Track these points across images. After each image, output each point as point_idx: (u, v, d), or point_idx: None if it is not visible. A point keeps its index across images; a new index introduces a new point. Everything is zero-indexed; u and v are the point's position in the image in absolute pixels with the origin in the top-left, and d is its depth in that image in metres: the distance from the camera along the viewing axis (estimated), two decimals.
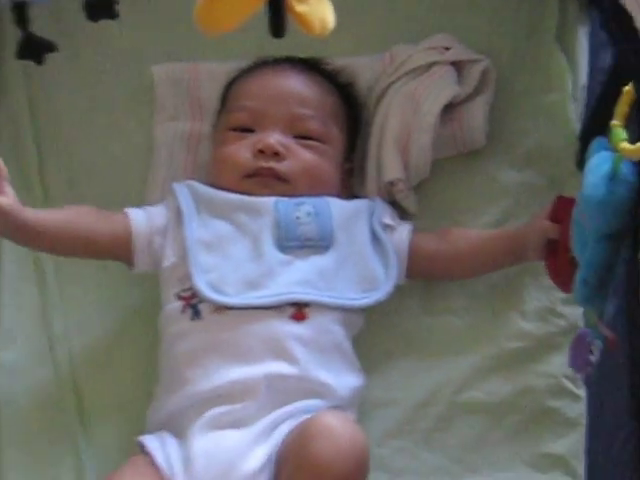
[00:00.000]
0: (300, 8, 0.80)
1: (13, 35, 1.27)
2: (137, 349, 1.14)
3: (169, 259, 1.08)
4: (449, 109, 1.18)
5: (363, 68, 1.25)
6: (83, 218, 1.09)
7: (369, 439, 1.05)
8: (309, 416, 0.95)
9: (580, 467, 1.03)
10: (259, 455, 0.95)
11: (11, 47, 1.29)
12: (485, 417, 1.08)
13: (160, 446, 0.98)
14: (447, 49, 1.21)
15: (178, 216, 1.08)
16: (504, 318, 1.12)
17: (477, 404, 1.09)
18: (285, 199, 1.09)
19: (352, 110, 1.20)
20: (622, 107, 0.85)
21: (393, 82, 1.20)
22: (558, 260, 1.02)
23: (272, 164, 1.09)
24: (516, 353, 1.10)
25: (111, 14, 0.72)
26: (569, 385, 1.07)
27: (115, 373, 1.14)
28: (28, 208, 1.04)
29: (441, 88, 1.17)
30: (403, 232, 1.13)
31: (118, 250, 1.09)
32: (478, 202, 1.19)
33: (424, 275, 1.14)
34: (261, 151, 1.09)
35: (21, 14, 0.81)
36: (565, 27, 1.23)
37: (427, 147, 1.15)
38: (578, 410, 1.06)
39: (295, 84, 1.17)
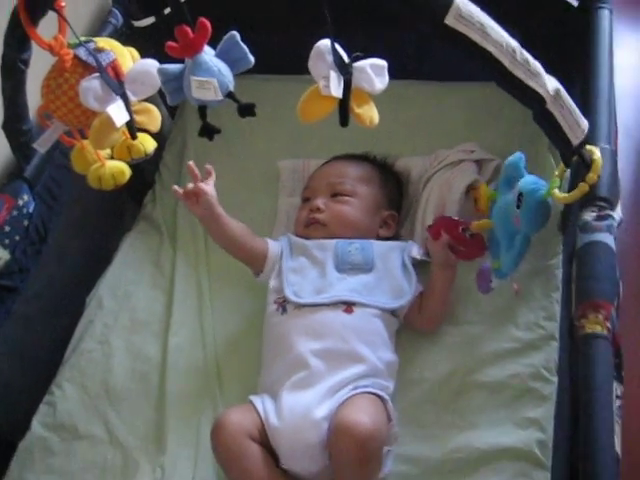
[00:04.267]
0: (357, 110, 1.08)
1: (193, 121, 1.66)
2: (258, 338, 1.41)
3: (273, 276, 1.43)
4: (470, 189, 1.48)
5: (417, 164, 1.60)
6: (245, 232, 1.45)
7: (406, 403, 1.30)
8: (356, 392, 1.22)
9: (549, 427, 1.24)
10: (324, 409, 1.22)
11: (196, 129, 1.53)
12: (487, 392, 1.30)
13: (261, 401, 1.27)
14: (472, 151, 1.54)
15: (281, 254, 1.45)
16: (504, 328, 1.38)
17: (481, 383, 1.31)
18: (342, 240, 1.44)
19: (386, 176, 1.55)
20: (560, 171, 1.13)
21: (435, 172, 1.54)
22: (459, 252, 1.31)
23: (315, 215, 1.49)
24: (511, 351, 1.34)
25: (253, 114, 1.07)
26: (545, 373, 1.29)
27: (243, 354, 1.43)
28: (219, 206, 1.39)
29: (466, 175, 1.49)
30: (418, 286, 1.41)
31: (254, 261, 1.45)
32: None
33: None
34: (311, 210, 1.50)
35: (202, 112, 1.11)
36: None
37: (455, 213, 1.44)
38: (550, 390, 1.27)
39: (337, 166, 1.54)
